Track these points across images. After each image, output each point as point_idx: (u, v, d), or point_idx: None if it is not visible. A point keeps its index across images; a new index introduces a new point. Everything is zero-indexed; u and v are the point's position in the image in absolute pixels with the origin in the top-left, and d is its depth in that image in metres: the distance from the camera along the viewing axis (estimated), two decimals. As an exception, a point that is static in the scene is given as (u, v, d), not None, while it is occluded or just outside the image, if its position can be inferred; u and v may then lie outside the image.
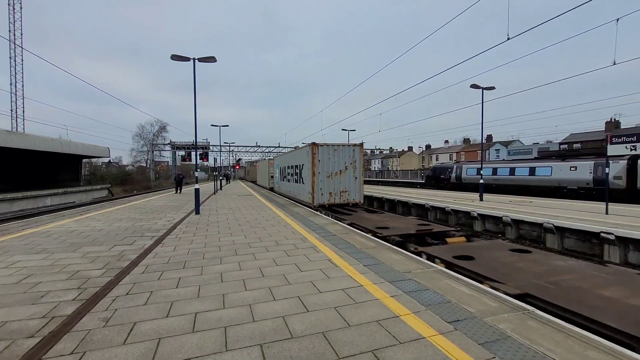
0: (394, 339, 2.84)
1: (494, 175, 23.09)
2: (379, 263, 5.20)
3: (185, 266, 5.09)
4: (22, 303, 3.66)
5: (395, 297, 3.77)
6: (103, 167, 56.70)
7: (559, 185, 18.83)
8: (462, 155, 67.49)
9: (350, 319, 3.23)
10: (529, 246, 8.52)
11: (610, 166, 13.30)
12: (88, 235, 7.56)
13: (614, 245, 8.49)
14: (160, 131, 61.76)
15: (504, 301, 3.67)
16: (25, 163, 27.21)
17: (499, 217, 12.02)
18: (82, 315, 3.32)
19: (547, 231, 10.19)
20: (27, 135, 24.59)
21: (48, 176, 30.08)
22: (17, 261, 5.38)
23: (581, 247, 9.50)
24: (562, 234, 9.95)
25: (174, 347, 2.72)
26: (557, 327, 3.05)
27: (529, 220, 10.93)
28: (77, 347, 2.73)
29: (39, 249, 6.27)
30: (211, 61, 11.55)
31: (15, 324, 3.15)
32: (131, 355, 2.62)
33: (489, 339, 2.84)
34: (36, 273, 4.75)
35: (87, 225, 9.00)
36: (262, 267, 5.00)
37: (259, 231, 8.05)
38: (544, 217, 10.63)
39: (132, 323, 3.16)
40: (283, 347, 2.72)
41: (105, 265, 5.15)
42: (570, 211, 11.97)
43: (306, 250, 6.11)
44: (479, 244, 7.89)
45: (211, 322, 3.18)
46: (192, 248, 6.31)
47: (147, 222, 9.72)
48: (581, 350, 2.66)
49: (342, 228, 8.49)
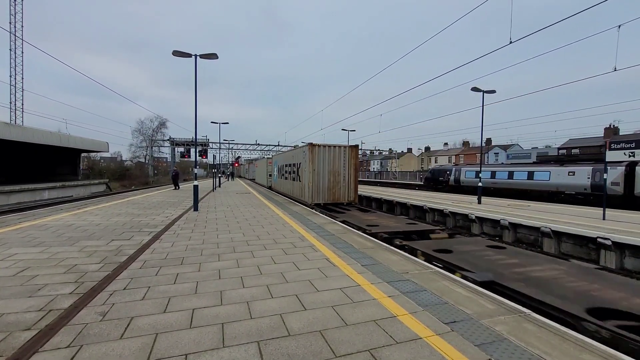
0: (390, 339, 2.85)
1: (493, 179, 23.15)
2: (376, 263, 5.21)
3: (183, 262, 5.08)
4: (19, 296, 3.65)
5: (392, 297, 3.78)
6: (102, 161, 56.47)
7: (557, 190, 18.90)
8: (461, 157, 67.64)
9: (347, 318, 3.24)
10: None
11: (609, 172, 13.36)
12: (86, 230, 7.54)
13: (610, 250, 8.53)
14: (160, 127, 61.75)
15: (500, 303, 3.69)
16: (24, 156, 27.11)
17: (497, 220, 12.05)
18: (79, 309, 3.32)
19: (545, 235, 10.23)
20: (26, 128, 24.47)
21: (46, 170, 29.99)
22: (14, 254, 5.37)
23: (578, 252, 9.54)
24: (559, 239, 9.99)
25: (171, 343, 2.72)
26: (553, 330, 3.07)
27: (526, 224, 10.96)
28: (74, 341, 2.73)
29: (36, 242, 6.25)
30: (213, 58, 11.53)
31: (12, 317, 3.14)
32: (128, 349, 2.61)
33: (485, 341, 2.85)
34: (33, 266, 4.73)
35: (84, 220, 8.98)
36: (260, 265, 5.00)
37: (257, 229, 8.05)
38: (542, 222, 10.67)
39: (129, 318, 3.16)
40: (280, 345, 2.72)
41: (102, 259, 5.14)
42: (567, 216, 12.02)
43: (304, 249, 6.11)
44: (459, 240, 8.42)
45: (208, 318, 3.18)
46: (190, 245, 6.31)
47: (145, 217, 9.70)
48: (576, 354, 2.68)
49: (340, 227, 8.50)
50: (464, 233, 11.71)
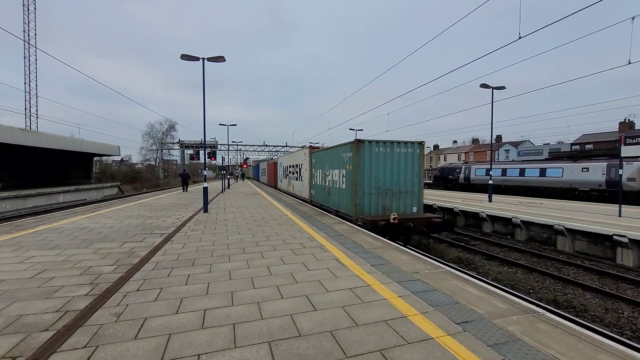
0: (402, 339, 2.84)
1: (504, 176, 22.80)
2: (386, 263, 5.18)
3: (194, 263, 5.15)
4: (36, 297, 3.75)
5: (403, 297, 3.76)
6: (113, 165, 57.53)
7: (571, 187, 18.51)
8: (470, 155, 66.72)
9: (358, 318, 3.24)
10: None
11: (624, 168, 13.02)
12: (99, 232, 7.70)
13: (627, 248, 8.32)
14: (169, 130, 62.59)
15: (513, 303, 3.63)
16: (39, 161, 27.82)
17: (509, 219, 11.87)
18: (95, 310, 3.39)
19: (558, 233, 10.03)
20: (41, 134, 25.09)
21: (60, 174, 30.72)
22: (31, 256, 5.51)
23: (593, 249, 9.33)
24: (574, 237, 9.78)
25: (184, 343, 2.76)
26: (568, 330, 3.01)
27: (539, 222, 10.77)
28: (90, 341, 2.79)
29: (52, 244, 6.41)
30: (220, 61, 11.64)
31: (30, 318, 3.23)
32: (142, 350, 2.66)
33: (498, 341, 2.81)
34: (50, 268, 4.86)
35: (98, 222, 9.17)
36: (270, 266, 5.03)
37: (266, 230, 8.10)
38: (555, 219, 10.47)
39: (143, 318, 3.22)
40: (291, 345, 2.73)
41: (116, 261, 5.24)
42: (582, 213, 11.77)
43: (313, 249, 6.12)
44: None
45: (220, 318, 3.22)
46: (201, 246, 6.38)
47: (156, 219, 9.86)
48: (593, 354, 2.62)
49: (349, 227, 8.48)
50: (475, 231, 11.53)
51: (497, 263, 9.17)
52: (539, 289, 7.28)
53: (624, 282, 7.48)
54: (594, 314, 6.07)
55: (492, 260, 9.40)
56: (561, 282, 7.58)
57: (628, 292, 6.91)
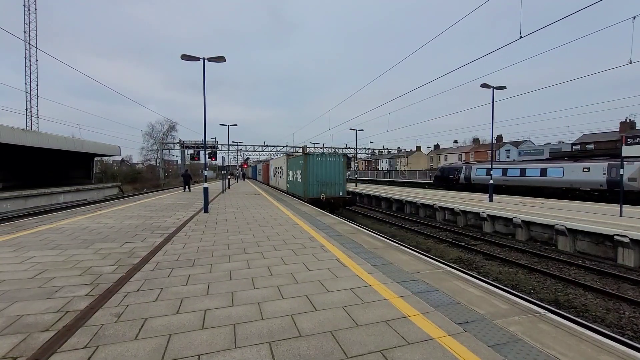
0: (402, 340, 2.83)
1: (504, 176, 22.77)
2: (387, 263, 5.18)
3: (195, 264, 5.15)
4: (37, 297, 3.75)
5: (403, 298, 3.76)
6: (114, 165, 57.54)
7: (571, 187, 18.48)
8: (471, 155, 66.68)
9: (358, 318, 3.23)
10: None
11: (625, 167, 12.99)
12: (100, 232, 7.70)
13: (628, 248, 8.30)
14: (170, 130, 62.64)
15: (514, 303, 3.63)
16: (40, 161, 27.86)
17: (509, 219, 11.86)
18: (95, 310, 3.39)
19: (559, 233, 10.02)
20: (41, 134, 25.12)
21: (61, 174, 30.76)
22: (32, 257, 5.52)
23: (594, 249, 9.32)
24: (575, 236, 9.77)
25: (184, 343, 2.76)
26: (569, 331, 3.00)
27: (540, 222, 10.76)
28: (90, 342, 2.79)
29: (53, 245, 6.42)
30: (220, 61, 11.63)
31: (30, 318, 3.23)
32: (143, 350, 2.66)
33: (499, 342, 2.80)
34: (50, 268, 4.86)
35: (98, 222, 9.17)
36: (271, 266, 5.03)
37: (267, 230, 8.09)
38: (556, 219, 10.45)
39: (143, 319, 3.21)
40: (292, 346, 2.73)
41: (116, 261, 5.24)
42: (583, 213, 11.75)
43: (314, 249, 6.12)
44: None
45: (220, 319, 3.22)
46: (201, 246, 6.38)
47: (157, 219, 9.86)
48: (594, 355, 2.61)
49: (350, 227, 8.48)
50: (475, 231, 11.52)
51: (498, 263, 9.16)
52: (540, 289, 7.27)
53: (625, 282, 7.46)
54: (595, 315, 6.05)
55: (493, 261, 9.39)
56: (562, 282, 7.57)
57: (629, 293, 6.89)
